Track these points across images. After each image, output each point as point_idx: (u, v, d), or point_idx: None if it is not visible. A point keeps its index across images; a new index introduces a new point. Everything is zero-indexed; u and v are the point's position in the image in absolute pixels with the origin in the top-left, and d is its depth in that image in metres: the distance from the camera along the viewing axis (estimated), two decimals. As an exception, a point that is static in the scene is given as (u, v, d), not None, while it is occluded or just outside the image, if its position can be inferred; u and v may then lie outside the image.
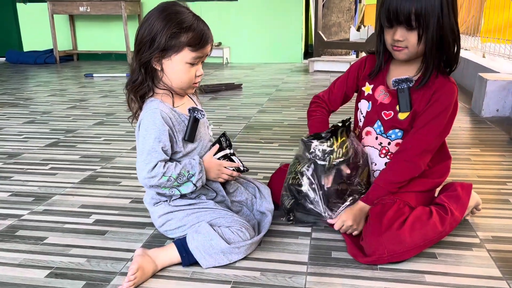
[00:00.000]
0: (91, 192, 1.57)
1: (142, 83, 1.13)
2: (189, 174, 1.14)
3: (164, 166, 1.11)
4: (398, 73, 1.22)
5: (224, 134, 1.27)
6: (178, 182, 1.13)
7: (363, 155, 1.23)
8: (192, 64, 1.12)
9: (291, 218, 1.26)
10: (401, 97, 1.18)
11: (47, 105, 3.15)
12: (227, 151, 1.25)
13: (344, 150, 1.19)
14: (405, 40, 1.11)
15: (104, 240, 1.23)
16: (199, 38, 1.10)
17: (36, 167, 1.83)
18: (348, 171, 1.19)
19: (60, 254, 1.16)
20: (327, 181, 1.18)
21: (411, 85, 1.17)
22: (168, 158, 1.14)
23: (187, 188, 1.15)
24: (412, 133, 1.18)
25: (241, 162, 1.27)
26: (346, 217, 1.17)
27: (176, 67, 1.11)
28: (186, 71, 1.12)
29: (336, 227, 1.18)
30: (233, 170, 1.23)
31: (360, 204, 1.19)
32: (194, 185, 1.15)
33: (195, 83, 1.17)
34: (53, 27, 5.67)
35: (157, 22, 1.08)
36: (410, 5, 1.07)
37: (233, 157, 1.25)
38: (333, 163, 1.18)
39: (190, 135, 1.17)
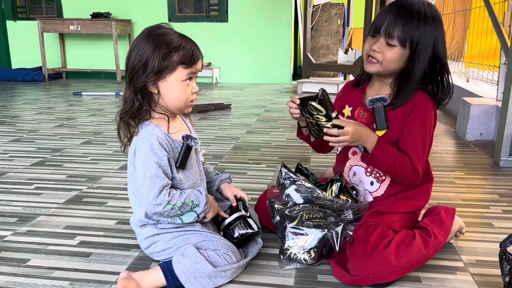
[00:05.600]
0: (76, 212, 1.56)
1: (139, 109, 1.14)
2: (193, 204, 1.14)
3: (169, 194, 1.11)
4: (373, 93, 1.26)
5: (241, 199, 1.29)
6: (181, 211, 1.13)
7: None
8: (187, 82, 1.14)
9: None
10: (377, 116, 1.21)
11: (34, 123, 3.12)
12: (243, 212, 1.26)
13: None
14: (381, 53, 1.16)
15: (88, 262, 1.22)
16: (190, 54, 1.12)
17: (21, 187, 1.81)
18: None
19: (43, 277, 1.14)
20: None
21: (385, 104, 1.20)
22: (170, 182, 1.14)
23: (189, 218, 1.15)
24: (406, 147, 1.19)
25: (256, 224, 1.26)
26: (352, 128, 1.11)
27: (173, 87, 1.12)
28: (183, 89, 1.14)
29: (334, 132, 1.11)
30: (247, 230, 1.22)
31: (371, 135, 1.15)
32: (198, 215, 1.16)
33: (192, 101, 1.18)
34: (43, 45, 5.67)
35: (146, 46, 1.10)
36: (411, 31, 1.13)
37: (249, 220, 1.25)
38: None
39: (182, 162, 1.17)
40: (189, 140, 1.17)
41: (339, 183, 1.23)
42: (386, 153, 1.15)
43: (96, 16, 5.61)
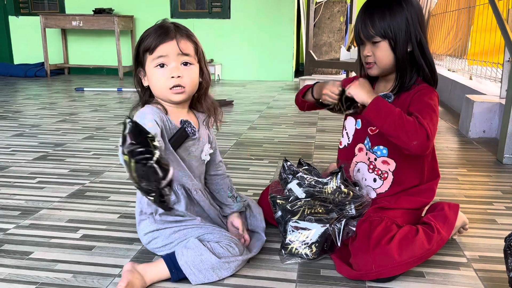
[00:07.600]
0: (79, 206, 1.56)
1: (141, 98, 1.21)
2: None
3: None
4: (380, 90, 1.28)
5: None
6: None
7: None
8: (162, 67, 1.11)
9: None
10: None
11: (36, 118, 3.13)
12: None
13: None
14: (372, 55, 1.20)
15: (91, 255, 1.22)
16: (153, 40, 1.11)
17: (24, 181, 1.81)
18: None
19: (46, 269, 1.14)
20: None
21: (390, 101, 1.21)
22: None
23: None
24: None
25: None
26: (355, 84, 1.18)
27: (151, 77, 1.14)
28: (160, 76, 1.12)
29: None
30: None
31: (371, 91, 1.18)
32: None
33: (175, 87, 1.12)
34: (45, 41, 5.67)
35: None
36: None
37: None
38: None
39: (175, 143, 1.13)
40: (186, 124, 1.16)
41: (340, 174, 1.23)
42: (389, 105, 1.13)
43: (98, 12, 5.60)
